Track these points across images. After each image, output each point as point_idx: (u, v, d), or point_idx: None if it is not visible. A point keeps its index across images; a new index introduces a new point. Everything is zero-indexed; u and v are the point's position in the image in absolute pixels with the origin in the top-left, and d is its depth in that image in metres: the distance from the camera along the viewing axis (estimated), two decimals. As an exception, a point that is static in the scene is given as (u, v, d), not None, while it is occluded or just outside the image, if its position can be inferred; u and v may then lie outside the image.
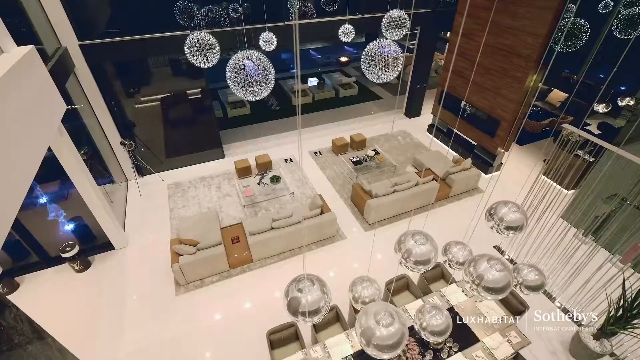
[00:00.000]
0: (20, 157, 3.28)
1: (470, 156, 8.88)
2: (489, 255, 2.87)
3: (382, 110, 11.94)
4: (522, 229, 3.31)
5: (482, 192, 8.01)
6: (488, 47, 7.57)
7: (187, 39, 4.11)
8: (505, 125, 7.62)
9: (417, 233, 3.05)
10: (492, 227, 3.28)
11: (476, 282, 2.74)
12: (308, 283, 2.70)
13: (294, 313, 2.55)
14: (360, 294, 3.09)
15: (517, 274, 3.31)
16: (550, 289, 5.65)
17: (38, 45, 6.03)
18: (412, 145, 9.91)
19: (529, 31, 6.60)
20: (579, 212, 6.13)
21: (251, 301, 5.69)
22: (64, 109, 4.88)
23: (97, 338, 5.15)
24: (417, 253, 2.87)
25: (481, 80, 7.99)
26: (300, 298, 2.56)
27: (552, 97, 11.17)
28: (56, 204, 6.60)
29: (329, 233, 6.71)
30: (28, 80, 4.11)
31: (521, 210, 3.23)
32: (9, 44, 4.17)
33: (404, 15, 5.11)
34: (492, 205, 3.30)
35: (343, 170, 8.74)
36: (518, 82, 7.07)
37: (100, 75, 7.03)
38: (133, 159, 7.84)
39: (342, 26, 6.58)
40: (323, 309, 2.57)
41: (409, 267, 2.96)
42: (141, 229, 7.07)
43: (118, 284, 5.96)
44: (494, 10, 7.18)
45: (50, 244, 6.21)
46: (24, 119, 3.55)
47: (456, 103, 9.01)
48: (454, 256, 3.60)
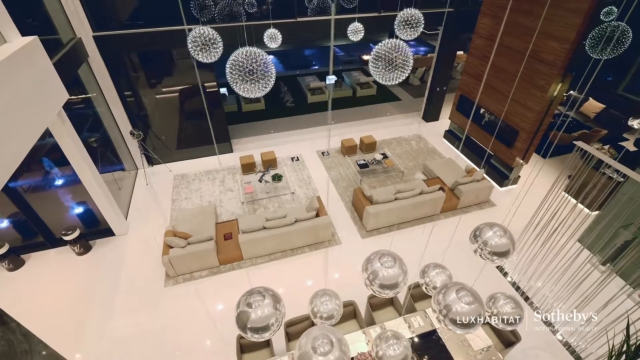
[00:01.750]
0: (17, 133, 3.69)
1: (485, 167, 8.37)
2: (461, 284, 2.61)
3: (399, 113, 11.52)
4: (507, 255, 3.02)
5: (494, 206, 7.52)
6: (511, 50, 7.03)
7: (190, 34, 4.08)
8: (525, 136, 7.06)
9: (387, 254, 2.83)
10: (476, 251, 3.01)
11: (443, 312, 2.50)
12: (259, 297, 2.58)
13: (242, 328, 2.44)
14: (319, 308, 2.93)
15: (492, 303, 3.01)
16: (552, 319, 5.17)
17: (54, 35, 6.31)
18: (426, 151, 9.48)
19: (555, 35, 6.04)
20: (598, 236, 5.58)
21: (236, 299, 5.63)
22: (66, 98, 5.02)
23: (86, 322, 5.32)
24: (383, 276, 2.67)
25: (502, 86, 7.45)
26: (250, 313, 2.45)
27: (587, 107, 10.27)
28: (66, 188, 6.90)
29: (323, 237, 6.54)
30: (29, 67, 4.29)
31: (508, 235, 2.94)
32: (13, 34, 4.34)
33: (418, 14, 4.82)
34: (477, 226, 3.03)
35: (348, 173, 8.51)
36: (540, 91, 6.50)
37: (116, 65, 7.24)
38: (142, 148, 8.05)
39: (351, 24, 6.35)
40: (273, 326, 2.44)
41: (374, 290, 2.76)
42: (143, 218, 7.24)
43: (113, 270, 6.14)
44: (519, 11, 6.63)
45: (56, 226, 6.49)
46: (23, 101, 3.92)
47: (476, 109, 8.49)
48: (430, 280, 3.35)
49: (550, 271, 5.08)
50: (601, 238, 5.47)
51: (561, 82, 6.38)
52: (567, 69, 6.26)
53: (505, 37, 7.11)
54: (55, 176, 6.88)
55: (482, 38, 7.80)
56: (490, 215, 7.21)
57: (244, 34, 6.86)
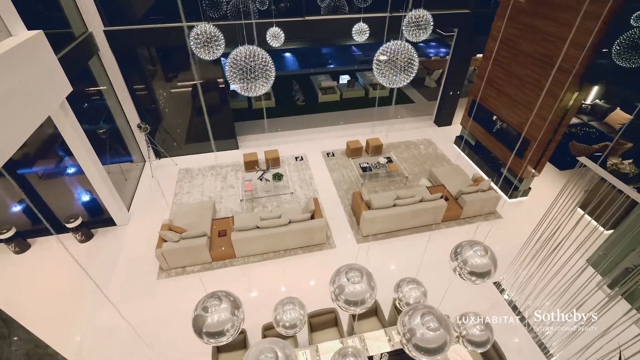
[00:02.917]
0: (18, 119, 3.89)
1: (494, 176, 8.02)
2: (429, 307, 2.45)
3: (411, 116, 11.23)
4: (488, 276, 2.86)
5: (500, 218, 7.18)
6: (525, 55, 6.67)
7: (192, 31, 4.10)
8: (536, 146, 6.69)
9: (354, 268, 2.71)
10: (455, 269, 2.87)
11: (407, 336, 2.35)
12: (216, 302, 2.53)
13: (197, 332, 2.40)
14: (282, 317, 2.86)
15: (462, 322, 2.85)
16: (548, 343, 4.87)
17: (67, 29, 6.51)
18: (434, 156, 9.19)
19: (571, 40, 5.66)
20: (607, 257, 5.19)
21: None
22: (69, 90, 5.16)
23: (77, 309, 5.48)
24: (348, 292, 2.56)
25: (514, 92, 7.09)
26: (207, 317, 2.40)
27: (613, 117, 9.63)
28: (74, 177, 7.14)
29: (317, 239, 6.45)
30: (32, 59, 4.45)
31: (490, 255, 2.78)
32: (19, 28, 4.50)
33: (427, 15, 4.65)
34: (459, 243, 2.88)
35: (351, 176, 8.37)
36: (553, 99, 6.13)
37: (126, 59, 7.42)
38: (149, 141, 8.22)
39: (356, 24, 6.21)
40: (229, 332, 2.38)
41: (340, 306, 2.66)
42: (145, 209, 7.41)
43: (111, 259, 6.30)
44: (536, 14, 6.27)
45: (61, 213, 6.73)
46: (25, 90, 4.13)
47: (487, 115, 8.14)
48: (404, 295, 3.22)
49: (550, 290, 4.79)
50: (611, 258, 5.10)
51: (577, 91, 5.99)
52: (585, 77, 5.87)
53: (520, 41, 6.76)
54: (66, 165, 7.14)
55: (496, 41, 7.44)
56: (494, 228, 6.89)
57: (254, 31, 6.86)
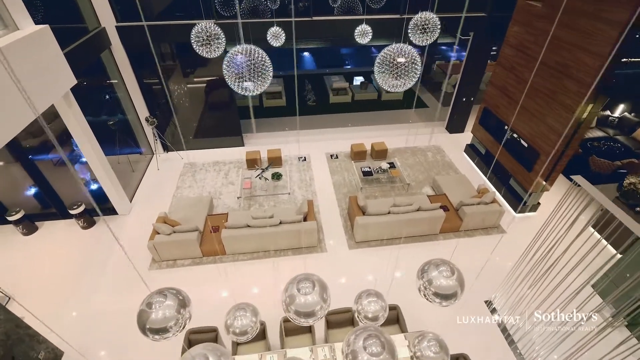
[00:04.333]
0: (20, 105, 4.09)
1: (502, 189, 7.65)
2: (374, 329, 2.33)
3: (423, 121, 10.93)
4: (454, 299, 2.71)
5: (504, 233, 6.84)
6: (541, 63, 6.30)
7: (193, 29, 4.15)
8: (544, 160, 6.31)
9: (306, 279, 2.63)
10: (420, 289, 2.74)
11: (349, 357, 2.25)
12: (161, 299, 2.53)
13: (141, 329, 2.41)
14: (232, 322, 2.82)
15: (418, 342, 2.71)
16: (536, 370, 4.58)
17: (82, 24, 6.78)
18: (441, 164, 8.89)
19: (588, 49, 5.28)
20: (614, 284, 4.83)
21: (206, 292, 5.67)
22: (73, 82, 5.37)
23: (71, 294, 5.69)
24: (299, 303, 2.48)
25: (527, 102, 6.71)
26: (150, 313, 2.40)
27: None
28: (82, 165, 7.44)
29: (308, 242, 6.39)
30: (37, 52, 4.67)
31: (457, 277, 2.64)
32: (26, 22, 4.72)
33: (434, 17, 4.48)
34: (428, 260, 2.75)
35: (352, 179, 8.24)
36: (566, 110, 5.75)
37: (137, 54, 7.64)
38: (156, 134, 8.44)
39: (359, 26, 6.08)
40: (172, 329, 2.38)
41: (290, 317, 2.59)
42: (146, 201, 7.62)
43: (108, 248, 6.52)
44: (553, 21, 5.90)
45: (68, 199, 7.04)
46: (28, 79, 4.42)
47: (498, 124, 7.77)
48: (363, 308, 3.09)
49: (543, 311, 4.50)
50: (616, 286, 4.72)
51: (592, 103, 5.59)
52: (602, 88, 5.47)
53: (535, 48, 6.39)
54: (78, 155, 7.45)
55: (511, 47, 7.08)
56: (494, 242, 6.56)
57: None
